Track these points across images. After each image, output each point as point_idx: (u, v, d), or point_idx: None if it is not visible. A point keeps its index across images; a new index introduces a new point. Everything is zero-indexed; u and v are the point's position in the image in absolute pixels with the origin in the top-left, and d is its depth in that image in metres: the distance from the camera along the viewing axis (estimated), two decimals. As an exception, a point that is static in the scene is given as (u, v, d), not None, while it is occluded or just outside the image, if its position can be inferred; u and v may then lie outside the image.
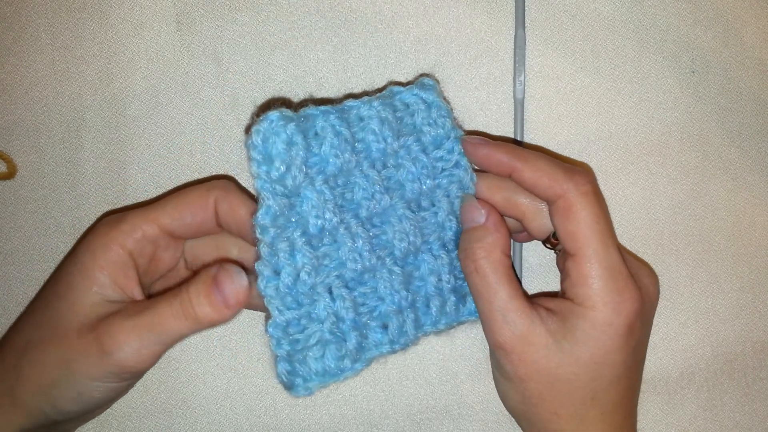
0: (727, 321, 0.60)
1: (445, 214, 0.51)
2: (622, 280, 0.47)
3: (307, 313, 0.47)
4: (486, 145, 0.50)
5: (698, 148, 0.60)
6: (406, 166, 0.50)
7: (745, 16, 0.60)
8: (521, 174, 0.49)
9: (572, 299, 0.47)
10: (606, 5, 0.59)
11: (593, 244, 0.46)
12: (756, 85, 0.60)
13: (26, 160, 0.58)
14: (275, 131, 0.45)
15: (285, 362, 0.46)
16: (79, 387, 0.46)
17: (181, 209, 0.48)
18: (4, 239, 0.58)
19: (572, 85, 0.59)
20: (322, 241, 0.47)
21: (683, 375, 0.60)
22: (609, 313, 0.46)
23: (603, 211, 0.48)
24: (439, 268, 0.51)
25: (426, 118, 0.51)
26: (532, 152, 0.49)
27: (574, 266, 0.47)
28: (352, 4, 0.58)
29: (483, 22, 0.58)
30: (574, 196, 0.47)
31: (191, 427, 0.59)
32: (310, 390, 0.47)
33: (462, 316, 0.52)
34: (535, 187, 0.48)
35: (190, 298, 0.45)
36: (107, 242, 0.47)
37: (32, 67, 0.58)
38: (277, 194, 0.46)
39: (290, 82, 0.58)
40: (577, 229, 0.47)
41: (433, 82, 0.51)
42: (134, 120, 0.58)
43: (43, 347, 0.46)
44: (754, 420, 0.60)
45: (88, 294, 0.46)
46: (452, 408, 0.59)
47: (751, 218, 0.60)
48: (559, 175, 0.47)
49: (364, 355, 0.48)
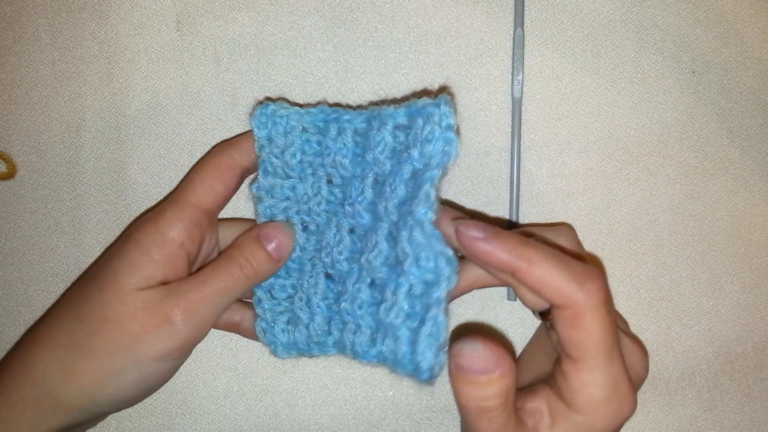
0: (728, 321, 0.60)
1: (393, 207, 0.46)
2: (623, 388, 0.43)
3: (291, 284, 0.52)
4: (485, 240, 0.42)
5: (698, 148, 0.60)
6: (397, 173, 0.46)
7: (745, 16, 0.60)
8: (524, 277, 0.42)
9: (564, 399, 0.43)
10: (606, 5, 0.59)
11: (599, 357, 0.42)
12: (756, 85, 0.60)
13: (26, 160, 0.58)
14: (273, 120, 0.51)
15: (262, 321, 0.51)
16: (143, 370, 0.47)
17: (209, 181, 0.50)
18: (4, 239, 0.58)
19: (572, 85, 0.59)
20: (319, 227, 0.52)
21: (684, 375, 0.60)
22: (608, 419, 0.43)
23: (612, 322, 0.43)
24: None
25: (420, 135, 0.45)
26: (538, 250, 0.42)
27: (575, 372, 0.43)
28: (352, 4, 0.58)
29: (483, 22, 0.58)
30: (584, 309, 0.41)
31: (191, 427, 0.59)
32: (283, 355, 0.51)
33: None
34: (540, 292, 0.42)
35: (244, 254, 0.49)
36: (156, 236, 0.48)
37: (32, 67, 0.58)
38: (273, 173, 0.51)
39: (290, 82, 0.58)
40: (583, 341, 0.42)
41: (449, 99, 0.45)
42: (134, 120, 0.58)
43: (96, 339, 0.47)
44: (755, 421, 0.60)
45: (136, 285, 0.47)
46: (452, 408, 0.59)
47: (751, 218, 0.60)
48: (568, 284, 0.41)
49: (329, 342, 0.50)
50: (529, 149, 0.59)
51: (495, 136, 0.58)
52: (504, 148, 0.58)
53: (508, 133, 0.58)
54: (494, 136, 0.58)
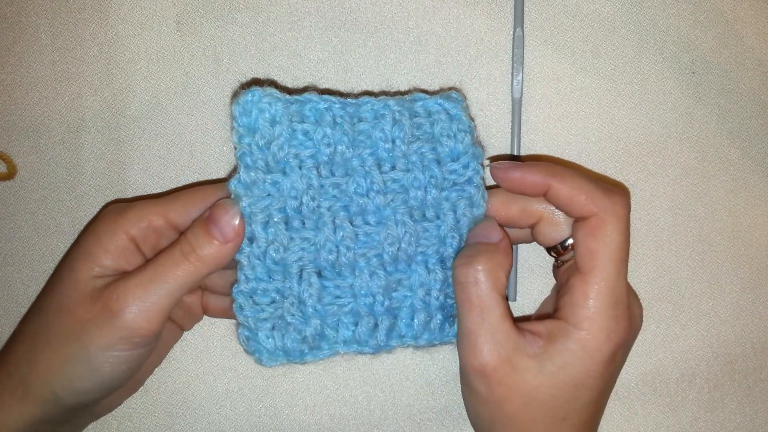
0: (728, 322, 0.60)
1: (448, 229, 0.50)
2: (621, 308, 0.46)
3: (275, 288, 0.48)
4: (518, 167, 0.48)
5: (698, 148, 0.60)
6: (414, 172, 0.49)
7: (745, 16, 0.60)
8: (557, 191, 0.47)
9: (566, 318, 0.46)
10: (606, 5, 0.59)
11: (609, 268, 0.46)
12: (756, 85, 0.60)
13: (26, 160, 0.58)
14: (259, 106, 0.47)
15: (244, 329, 0.48)
16: (91, 360, 0.46)
17: (190, 205, 0.49)
18: (4, 239, 0.58)
19: (572, 85, 0.59)
20: (304, 224, 0.48)
21: (684, 376, 0.60)
22: (602, 339, 0.46)
23: (628, 241, 0.47)
24: (430, 282, 0.49)
25: (446, 129, 0.49)
26: (567, 169, 0.48)
27: (580, 284, 0.46)
28: (352, 4, 0.58)
29: (483, 22, 0.58)
30: (609, 216, 0.46)
31: (191, 427, 0.59)
32: (269, 362, 0.49)
33: (446, 337, 0.50)
34: (571, 203, 0.47)
35: (189, 240, 0.46)
36: (114, 228, 0.48)
37: (32, 67, 0.58)
38: (255, 167, 0.47)
39: (290, 83, 0.58)
40: (599, 249, 0.46)
41: (461, 97, 0.50)
42: (134, 120, 0.58)
43: (52, 327, 0.47)
44: (755, 421, 0.60)
45: (90, 272, 0.47)
46: (452, 408, 0.59)
47: (751, 218, 0.60)
48: (598, 193, 0.46)
49: (324, 345, 0.49)
50: (529, 149, 0.59)
51: (495, 136, 0.58)
52: (504, 148, 0.58)
53: (507, 133, 0.58)
54: (494, 136, 0.58)
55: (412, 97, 0.50)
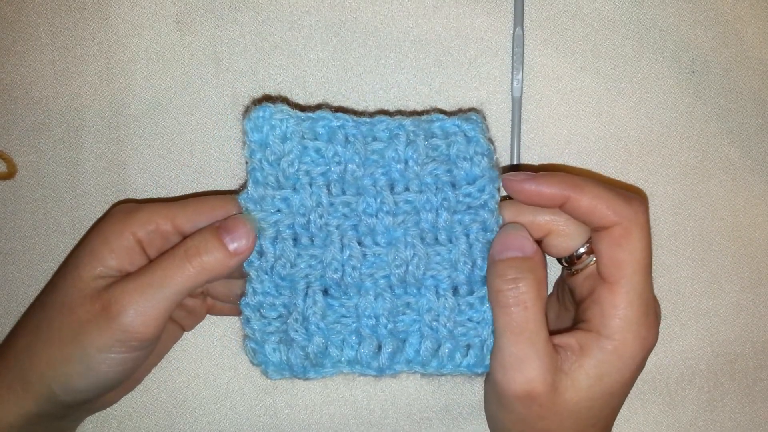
0: (728, 321, 0.60)
1: (460, 254, 0.48)
2: (651, 315, 0.46)
3: (283, 303, 0.48)
4: (533, 178, 0.47)
5: (698, 148, 0.60)
6: (427, 193, 0.48)
7: (745, 16, 0.60)
8: (577, 203, 0.46)
9: (597, 330, 0.45)
10: (606, 5, 0.59)
11: (637, 276, 0.45)
12: (756, 85, 0.60)
13: (26, 160, 0.58)
14: (270, 123, 0.47)
15: (251, 341, 0.48)
16: (88, 360, 0.46)
17: (199, 213, 0.49)
18: (4, 239, 0.58)
19: (572, 84, 0.59)
20: (312, 242, 0.48)
21: (684, 375, 0.60)
22: (637, 347, 0.45)
23: (650, 247, 0.46)
24: (439, 308, 0.48)
25: (462, 152, 0.48)
26: (584, 179, 0.47)
27: (609, 294, 0.45)
28: (352, 4, 0.58)
29: (482, 21, 0.58)
30: (632, 225, 0.45)
31: (191, 427, 0.59)
32: (275, 375, 0.48)
33: (458, 368, 0.48)
34: (592, 214, 0.46)
35: (196, 244, 0.46)
36: (121, 228, 0.48)
37: (32, 67, 0.58)
38: (265, 182, 0.48)
39: (290, 82, 0.58)
40: (625, 258, 0.45)
41: (480, 118, 0.49)
42: (134, 120, 0.58)
43: (53, 324, 0.47)
44: (755, 421, 0.60)
45: (93, 272, 0.47)
46: (452, 408, 0.59)
47: (751, 218, 0.60)
48: (618, 202, 0.45)
49: (327, 364, 0.48)
50: (529, 149, 0.59)
51: (495, 136, 0.58)
52: (504, 147, 0.58)
53: (508, 133, 0.58)
54: (494, 136, 0.58)
55: (430, 117, 0.49)
